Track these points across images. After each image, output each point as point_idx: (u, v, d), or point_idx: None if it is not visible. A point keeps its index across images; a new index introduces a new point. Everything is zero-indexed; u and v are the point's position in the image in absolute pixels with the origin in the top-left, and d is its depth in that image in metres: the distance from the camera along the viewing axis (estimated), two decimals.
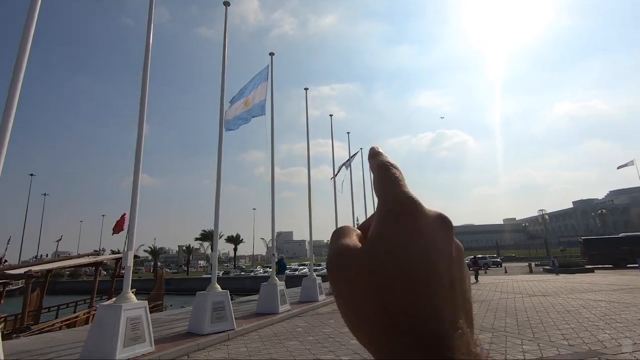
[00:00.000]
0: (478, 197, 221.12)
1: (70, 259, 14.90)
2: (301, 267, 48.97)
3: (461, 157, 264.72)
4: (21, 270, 11.43)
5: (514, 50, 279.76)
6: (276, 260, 16.40)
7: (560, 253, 47.92)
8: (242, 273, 60.32)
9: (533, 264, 34.37)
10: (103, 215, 66.78)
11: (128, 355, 5.56)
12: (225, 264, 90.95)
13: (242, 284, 41.58)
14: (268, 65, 12.25)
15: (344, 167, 20.68)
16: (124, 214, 18.57)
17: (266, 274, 50.71)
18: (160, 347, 6.22)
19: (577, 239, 40.26)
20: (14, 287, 26.38)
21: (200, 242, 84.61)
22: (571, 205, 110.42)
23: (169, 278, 43.72)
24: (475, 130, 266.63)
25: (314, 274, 13.61)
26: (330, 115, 18.64)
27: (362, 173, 24.53)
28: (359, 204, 23.31)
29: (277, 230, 11.86)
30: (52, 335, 9.13)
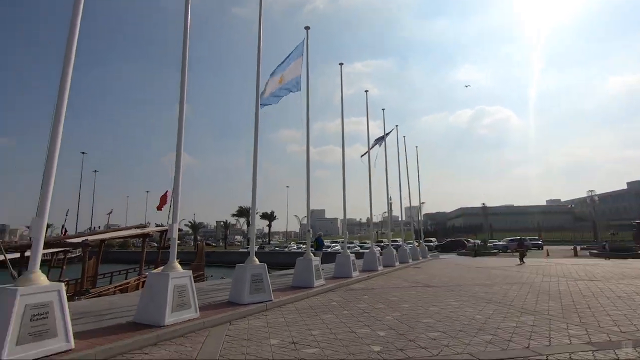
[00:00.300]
0: (520, 177, 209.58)
1: (120, 230, 16.09)
2: (333, 244, 49.67)
3: (502, 134, 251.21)
4: (79, 239, 12.52)
5: (559, 20, 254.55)
6: (314, 237, 16.71)
7: (611, 237, 44.93)
8: (277, 249, 62.15)
9: (578, 247, 32.59)
10: (147, 191, 70.85)
11: (176, 319, 5.95)
12: (259, 240, 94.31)
13: (276, 258, 43.01)
14: (303, 40, 12.04)
15: (377, 144, 20.30)
16: (167, 191, 19.64)
17: (299, 250, 52.01)
18: (204, 313, 6.60)
19: (631, 222, 37.45)
20: (72, 255, 28.95)
21: (237, 218, 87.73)
22: (624, 187, 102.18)
23: (209, 251, 46.04)
24: (517, 106, 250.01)
25: (348, 251, 13.74)
26: (366, 91, 18.22)
27: (397, 150, 24.05)
28: (394, 182, 22.95)
29: (311, 207, 11.99)
30: (108, 298, 10.01)
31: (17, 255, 12.44)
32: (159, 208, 16.63)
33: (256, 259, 8.44)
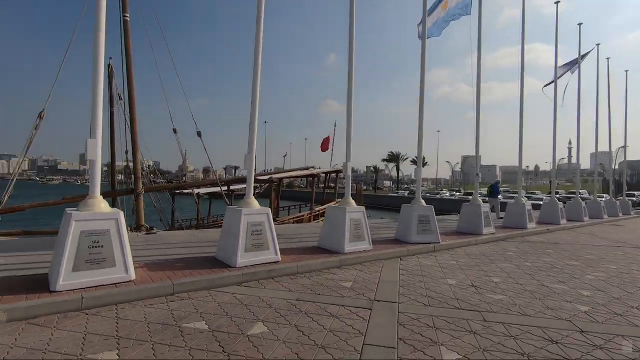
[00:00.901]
0: None
1: (293, 171, 18.60)
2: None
3: None
4: (266, 177, 15.08)
5: None
6: (490, 184, 15.41)
7: None
8: (427, 195, 60.75)
9: None
10: (305, 139, 79.14)
11: (353, 248, 6.54)
12: (405, 186, 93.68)
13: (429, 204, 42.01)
14: None
15: (568, 70, 16.20)
16: (328, 137, 21.29)
17: (453, 197, 49.35)
18: (376, 247, 7.04)
19: None
20: (256, 191, 35.50)
21: (386, 162, 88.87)
22: None
23: (364, 194, 48.78)
24: None
25: (523, 199, 12.07)
26: (556, 1, 14.20)
27: (596, 78, 18.54)
28: (587, 118, 18.24)
29: (463, 153, 10.81)
30: (288, 226, 11.89)
31: (226, 188, 15.92)
32: (323, 149, 18.19)
33: (423, 201, 8.33)
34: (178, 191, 16.72)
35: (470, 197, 10.74)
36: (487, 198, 14.39)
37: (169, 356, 2.84)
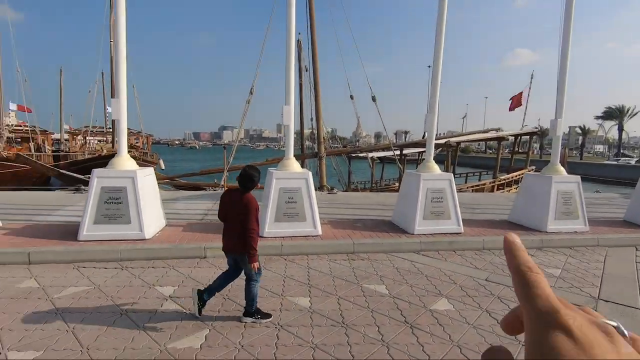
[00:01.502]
0: None
1: (475, 133, 16.57)
2: None
3: None
4: (442, 141, 14.03)
5: None
6: None
7: None
8: None
9: None
10: (486, 97, 69.62)
11: (559, 228, 5.25)
12: (637, 151, 70.15)
13: None
14: None
15: None
16: (521, 92, 17.72)
17: None
18: (593, 229, 5.43)
19: None
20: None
21: (601, 121, 68.91)
22: None
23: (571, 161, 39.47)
24: None
25: None
26: None
27: None
28: None
29: None
30: (468, 195, 10.71)
31: (398, 152, 15.74)
32: (513, 107, 15.35)
33: None
34: (354, 155, 17.67)
35: None
36: None
37: (354, 314, 2.92)
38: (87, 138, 27.93)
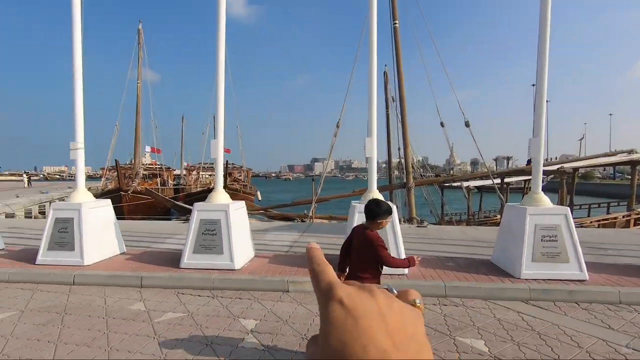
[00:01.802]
0: None
1: (598, 157, 13.97)
2: None
3: None
4: (554, 167, 12.18)
5: None
6: None
7: None
8: None
9: None
10: (610, 114, 59.54)
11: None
12: None
13: None
14: None
15: None
16: None
17: None
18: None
19: None
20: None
21: None
22: None
23: None
24: None
25: None
26: None
27: None
28: None
29: None
30: (599, 231, 8.90)
31: (499, 180, 14.17)
32: None
33: None
34: (447, 184, 16.52)
35: None
36: None
37: None
38: (200, 173, 32.02)
